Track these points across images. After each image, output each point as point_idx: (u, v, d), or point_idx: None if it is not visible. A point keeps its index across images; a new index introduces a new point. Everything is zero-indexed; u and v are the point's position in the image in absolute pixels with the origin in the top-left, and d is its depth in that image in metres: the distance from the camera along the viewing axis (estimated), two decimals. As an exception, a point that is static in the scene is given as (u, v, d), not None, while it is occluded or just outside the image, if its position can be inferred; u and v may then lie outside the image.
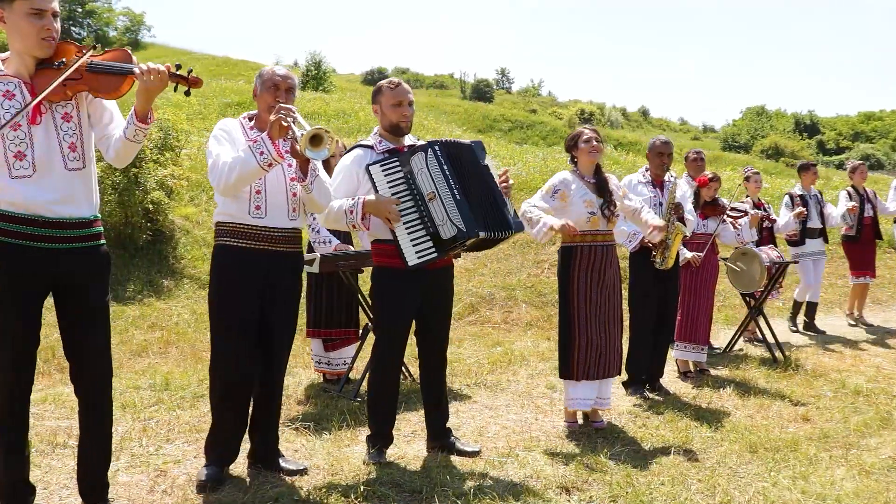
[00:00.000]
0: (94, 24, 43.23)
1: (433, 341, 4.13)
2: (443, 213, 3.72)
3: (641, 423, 4.76)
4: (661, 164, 5.49)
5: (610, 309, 4.61)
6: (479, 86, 57.84)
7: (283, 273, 3.68)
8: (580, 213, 4.54)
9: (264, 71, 3.75)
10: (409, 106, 3.94)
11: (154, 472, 3.80)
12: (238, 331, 3.58)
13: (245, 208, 3.56)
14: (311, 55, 35.60)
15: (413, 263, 3.72)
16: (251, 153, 3.39)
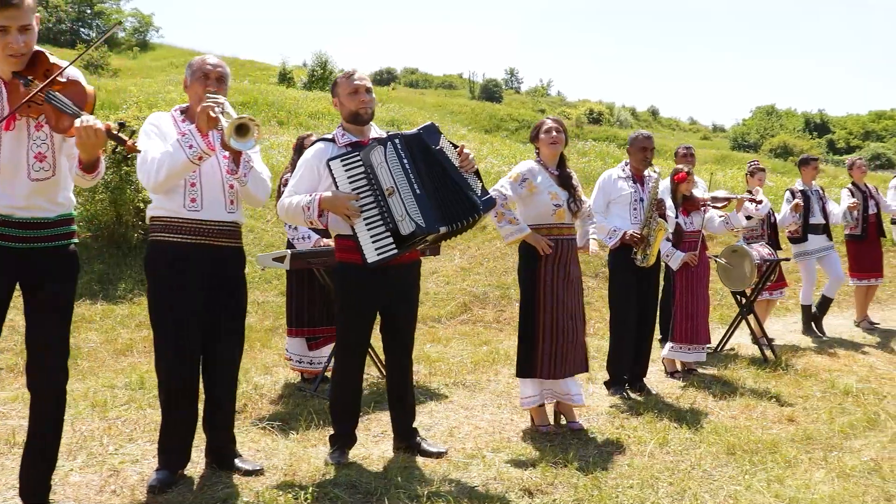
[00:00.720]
0: (102, 24, 43.42)
1: (398, 339, 4.01)
2: (402, 209, 3.61)
3: (619, 424, 4.63)
4: (644, 158, 5.35)
5: (575, 304, 4.49)
6: (488, 86, 57.73)
7: (223, 269, 3.57)
8: (545, 205, 4.42)
9: (194, 60, 3.64)
10: (366, 93, 3.83)
11: (108, 472, 3.70)
12: (177, 331, 3.48)
13: (180, 202, 3.46)
14: (317, 55, 35.54)
15: (372, 260, 3.60)
16: (180, 147, 3.28)
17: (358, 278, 3.76)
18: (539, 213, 4.45)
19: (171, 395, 3.54)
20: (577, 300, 4.51)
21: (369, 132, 3.90)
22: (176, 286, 3.47)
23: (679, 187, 5.92)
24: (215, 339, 3.61)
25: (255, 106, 23.61)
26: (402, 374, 4.04)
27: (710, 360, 6.43)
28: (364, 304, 3.84)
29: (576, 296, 4.50)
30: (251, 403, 5.06)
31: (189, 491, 3.42)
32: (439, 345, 7.42)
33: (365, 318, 3.87)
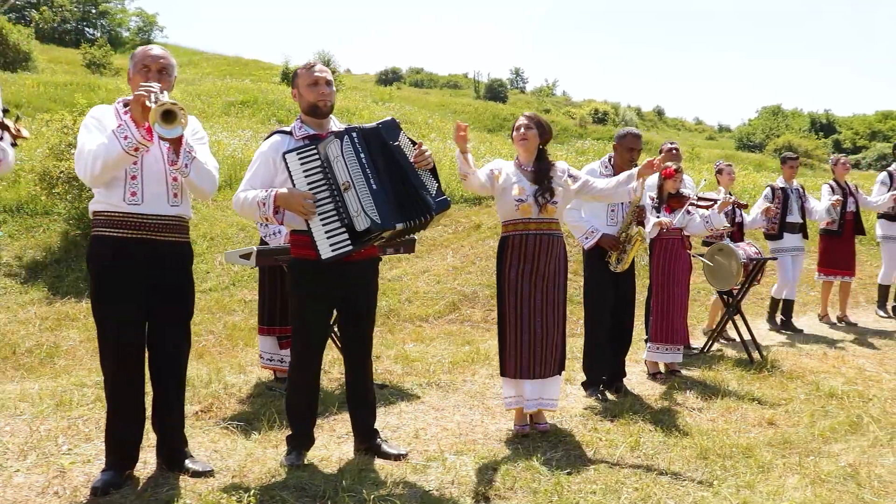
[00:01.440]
0: (107, 24, 43.46)
1: (355, 338, 3.88)
2: (357, 204, 3.48)
3: (592, 427, 4.49)
4: (630, 159, 5.17)
5: (545, 303, 4.31)
6: (493, 85, 57.47)
7: (166, 265, 3.46)
8: (508, 201, 4.28)
9: (137, 51, 3.54)
10: (326, 85, 3.71)
11: (54, 473, 3.58)
12: (120, 328, 3.37)
13: (120, 195, 3.34)
14: (320, 55, 35.57)
15: (327, 256, 3.48)
16: (115, 138, 3.17)
17: (314, 274, 3.64)
18: (505, 209, 4.33)
19: (115, 393, 3.43)
20: (548, 298, 4.33)
21: (328, 125, 3.78)
22: (118, 282, 3.37)
23: (666, 183, 5.78)
24: (160, 337, 3.50)
25: (256, 105, 23.62)
26: (362, 373, 3.92)
27: (695, 361, 6.29)
28: (320, 301, 3.72)
29: (547, 293, 4.33)
30: (218, 403, 4.94)
31: (133, 492, 3.30)
32: (422, 344, 7.30)
33: (321, 314, 3.75)
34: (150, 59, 3.47)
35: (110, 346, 3.40)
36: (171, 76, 3.51)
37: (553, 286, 4.35)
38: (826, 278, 8.28)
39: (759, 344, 6.50)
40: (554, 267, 4.35)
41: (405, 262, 10.64)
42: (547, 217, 4.33)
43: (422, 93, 48.40)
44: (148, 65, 3.45)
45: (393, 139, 3.63)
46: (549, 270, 4.33)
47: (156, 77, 3.43)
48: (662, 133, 49.71)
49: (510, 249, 4.31)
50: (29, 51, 28.76)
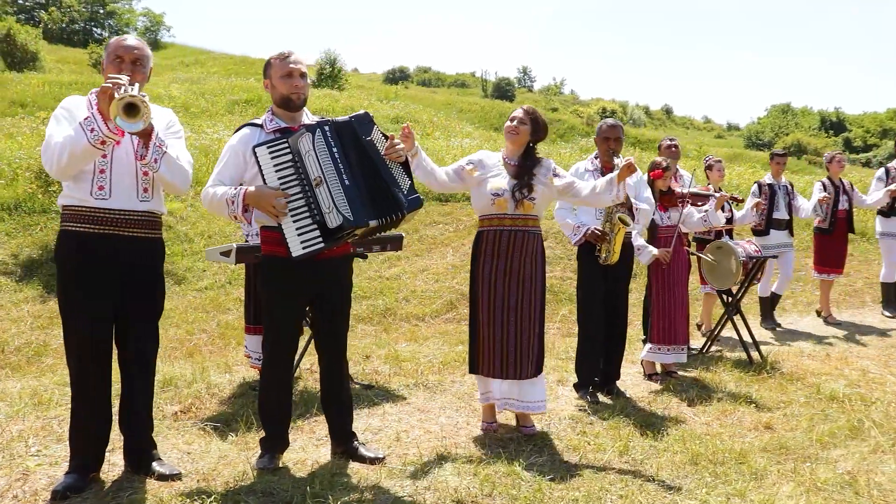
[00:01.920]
0: (115, 24, 43.52)
1: (328, 336, 3.74)
2: (329, 200, 3.35)
3: (581, 430, 4.33)
4: (608, 149, 5.01)
5: (521, 301, 4.16)
6: (501, 84, 57.33)
7: (134, 261, 3.34)
8: (484, 195, 4.15)
9: (111, 42, 3.42)
10: (300, 77, 3.56)
11: (17, 475, 3.46)
12: (85, 325, 3.26)
13: (87, 189, 3.23)
14: (326, 53, 35.44)
15: (297, 254, 3.34)
16: (82, 131, 3.05)
17: (284, 271, 3.51)
18: (480, 203, 4.20)
19: (79, 392, 3.33)
20: (523, 296, 4.18)
21: (300, 119, 3.63)
22: (84, 278, 3.26)
23: (656, 183, 5.62)
24: (128, 335, 3.39)
25: (260, 103, 23.54)
26: (337, 372, 3.78)
27: (693, 362, 6.12)
28: (290, 298, 3.58)
29: (522, 292, 4.17)
30: (199, 403, 4.81)
31: (94, 496, 3.19)
32: (415, 344, 7.15)
33: (292, 312, 3.62)
34: (123, 49, 3.35)
35: (75, 343, 3.31)
36: (145, 68, 3.40)
37: (529, 285, 4.20)
38: (822, 276, 8.16)
39: (759, 344, 6.33)
40: (530, 265, 4.20)
41: (404, 261, 10.51)
42: (523, 213, 4.18)
43: (429, 92, 48.26)
44: (121, 55, 3.34)
45: (366, 133, 3.50)
46: (524, 268, 4.18)
47: (129, 69, 3.31)
48: (671, 131, 49.36)
49: (484, 244, 4.19)
50: (36, 51, 28.82)
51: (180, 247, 10.24)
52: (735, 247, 5.99)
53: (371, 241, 5.30)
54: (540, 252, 4.28)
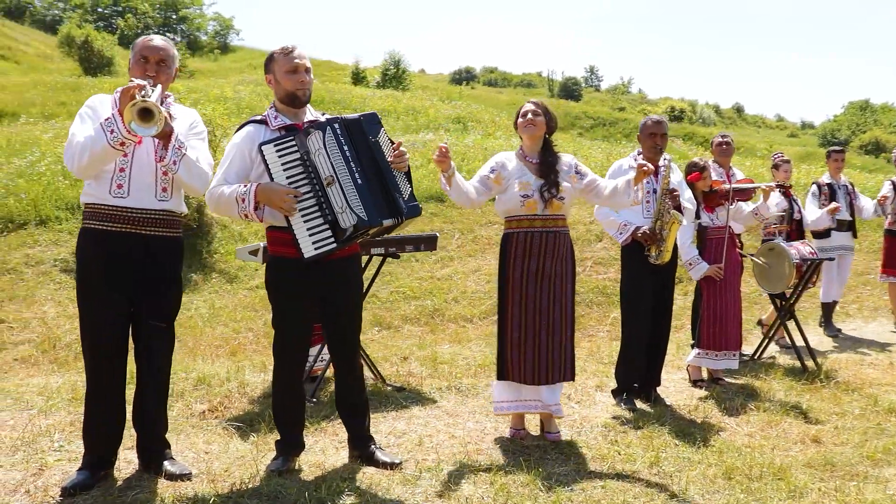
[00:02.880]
0: (186, 29, 44.82)
1: (336, 338, 3.66)
2: (342, 200, 3.27)
3: (613, 439, 4.14)
4: (654, 145, 4.80)
5: (552, 304, 4.01)
6: (567, 84, 56.74)
7: (152, 260, 3.32)
8: (513, 197, 3.99)
9: (137, 41, 3.41)
10: (305, 73, 3.46)
11: (34, 470, 3.49)
12: (99, 324, 3.28)
13: (106, 187, 3.23)
14: (391, 54, 35.63)
15: (309, 255, 3.27)
16: (102, 132, 3.05)
17: (292, 273, 3.42)
18: (508, 206, 4.04)
19: (93, 388, 3.34)
20: (556, 300, 4.03)
21: (304, 115, 3.54)
22: (101, 275, 3.27)
23: (696, 186, 5.37)
24: (142, 333, 3.39)
25: (323, 104, 23.80)
26: (350, 377, 3.69)
27: (742, 368, 5.82)
28: (298, 300, 3.49)
29: (554, 294, 4.02)
30: (228, 402, 4.80)
31: (102, 494, 3.18)
32: (457, 346, 7.04)
33: (299, 314, 3.53)
34: (149, 50, 3.34)
35: (90, 339, 3.32)
36: (170, 68, 3.39)
37: (560, 287, 4.05)
38: (890, 279, 7.60)
39: (815, 351, 5.98)
40: (561, 267, 4.05)
41: (457, 261, 10.42)
42: (553, 213, 4.03)
43: (495, 92, 48.09)
44: (146, 56, 3.33)
45: (373, 134, 3.42)
46: (555, 271, 4.03)
47: (154, 69, 3.31)
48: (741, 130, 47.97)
49: (514, 247, 4.03)
50: (111, 56, 29.81)
51: (233, 246, 10.38)
52: (788, 248, 5.67)
53: (404, 241, 5.20)
54: (570, 253, 4.13)
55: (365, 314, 8.65)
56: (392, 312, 8.69)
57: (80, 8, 44.12)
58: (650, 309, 4.81)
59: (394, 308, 8.79)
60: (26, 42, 36.65)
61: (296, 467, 3.57)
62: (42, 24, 42.27)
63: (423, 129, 20.20)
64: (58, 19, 41.10)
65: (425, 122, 22.20)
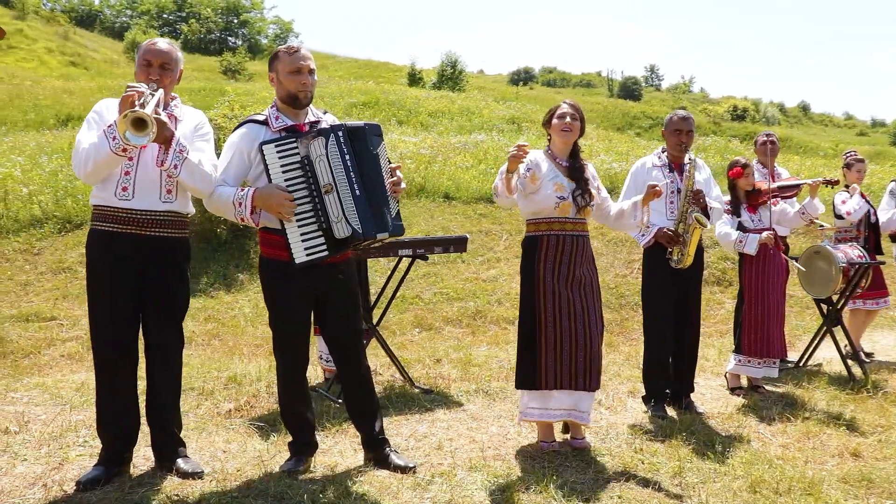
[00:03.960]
0: (247, 33, 45.79)
1: (341, 345, 3.62)
2: (338, 210, 3.24)
3: (638, 447, 4.01)
4: (679, 143, 4.65)
5: (583, 309, 3.91)
6: (627, 83, 55.94)
7: (157, 260, 3.35)
8: (547, 198, 3.88)
9: (143, 44, 3.43)
10: (308, 74, 3.41)
11: (55, 464, 3.57)
12: (113, 325, 3.33)
13: (112, 190, 3.27)
14: (447, 55, 35.69)
15: (301, 261, 3.24)
16: (105, 139, 3.10)
17: (285, 275, 3.39)
18: (541, 206, 3.93)
19: (103, 387, 3.40)
20: (587, 304, 3.94)
21: (305, 116, 3.50)
22: (108, 276, 3.31)
23: (738, 184, 5.18)
24: (149, 333, 3.43)
25: (377, 105, 23.97)
26: (356, 379, 3.64)
27: (786, 376, 5.60)
28: (291, 302, 3.46)
29: (585, 299, 3.94)
30: (255, 401, 4.84)
31: (115, 489, 3.23)
32: (496, 348, 6.96)
33: (296, 317, 3.50)
34: (152, 54, 3.37)
35: (99, 338, 3.37)
36: (173, 71, 3.42)
37: (591, 293, 3.98)
38: None
39: (864, 360, 5.71)
40: (588, 270, 3.99)
41: (503, 262, 10.32)
42: (581, 217, 3.96)
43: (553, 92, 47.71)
44: (149, 60, 3.36)
45: (374, 145, 3.38)
46: (584, 275, 3.96)
47: (157, 73, 3.34)
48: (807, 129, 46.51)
49: (544, 250, 3.93)
50: (175, 60, 30.61)
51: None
52: (834, 252, 5.43)
53: (433, 243, 5.15)
54: (592, 256, 4.08)
55: (406, 315, 8.68)
56: (434, 314, 8.65)
57: (147, 14, 45.48)
58: (672, 314, 4.67)
59: (436, 309, 8.75)
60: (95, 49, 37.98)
61: (310, 468, 3.56)
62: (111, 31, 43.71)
63: (477, 129, 20.14)
64: (125, 26, 42.44)
65: (479, 123, 22.13)
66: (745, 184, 5.10)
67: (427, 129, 20.79)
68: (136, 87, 3.12)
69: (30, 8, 35.03)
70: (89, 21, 44.03)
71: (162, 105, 3.28)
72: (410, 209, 11.20)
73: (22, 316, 7.70)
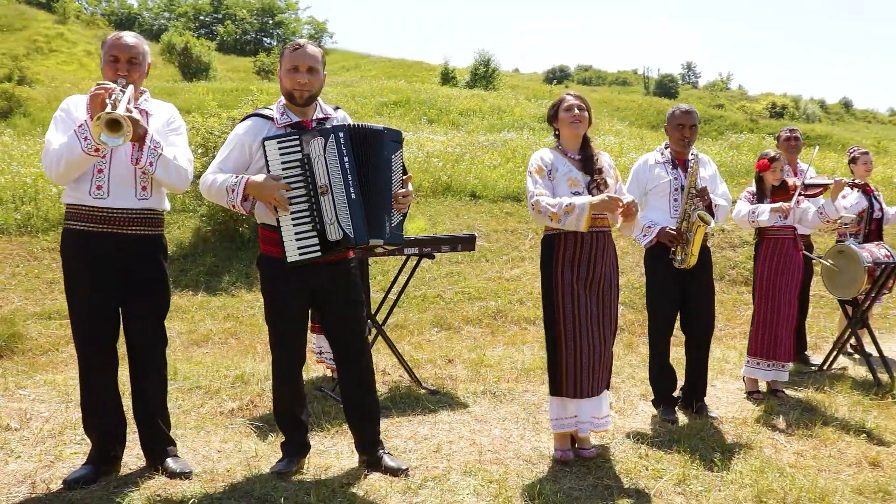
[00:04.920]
0: (282, 33, 46.16)
1: (341, 344, 3.54)
2: (332, 212, 3.18)
3: (643, 453, 3.87)
4: (682, 138, 4.46)
5: (601, 311, 3.77)
6: (664, 81, 55.18)
7: (135, 259, 3.31)
8: (562, 195, 3.73)
9: (108, 38, 3.37)
10: (306, 73, 3.33)
11: (47, 462, 3.55)
12: (90, 323, 3.29)
13: (86, 188, 3.23)
14: (480, 54, 35.55)
15: (293, 260, 3.19)
16: (76, 139, 3.06)
17: (282, 273, 3.33)
18: None
19: (86, 387, 3.37)
20: (604, 305, 3.79)
21: (314, 112, 3.43)
22: (85, 275, 3.28)
23: (765, 177, 4.99)
24: (130, 332, 3.41)
25: (408, 104, 23.97)
26: (355, 379, 3.56)
27: (806, 379, 5.39)
28: (287, 299, 3.40)
29: (603, 300, 3.79)
30: (258, 400, 4.79)
31: (99, 488, 3.20)
32: (511, 348, 6.83)
33: (292, 315, 3.44)
34: (119, 49, 3.31)
35: (80, 338, 3.34)
36: (142, 65, 3.36)
37: (609, 294, 3.82)
38: None
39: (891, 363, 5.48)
40: (609, 269, 3.82)
41: (528, 262, 10.19)
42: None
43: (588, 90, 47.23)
44: (116, 55, 3.30)
45: (390, 151, 3.32)
46: (604, 275, 3.79)
47: (125, 68, 3.29)
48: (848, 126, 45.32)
49: (563, 250, 3.76)
50: (209, 62, 30.97)
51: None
52: (860, 251, 5.21)
53: (440, 241, 5.06)
54: (614, 253, 3.90)
55: (426, 315, 8.60)
56: (454, 313, 8.54)
57: (184, 17, 46.10)
58: (674, 316, 4.52)
59: (457, 309, 8.65)
60: (134, 50, 38.48)
61: (302, 469, 3.50)
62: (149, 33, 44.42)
63: (508, 128, 20.02)
64: (163, 28, 43.05)
65: (510, 122, 22.00)
66: (772, 178, 4.91)
67: (457, 127, 20.73)
68: (106, 86, 3.08)
69: (71, 13, 35.68)
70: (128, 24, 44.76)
71: (133, 101, 3.22)
72: (436, 207, 11.13)
73: (45, 313, 7.78)
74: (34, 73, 24.90)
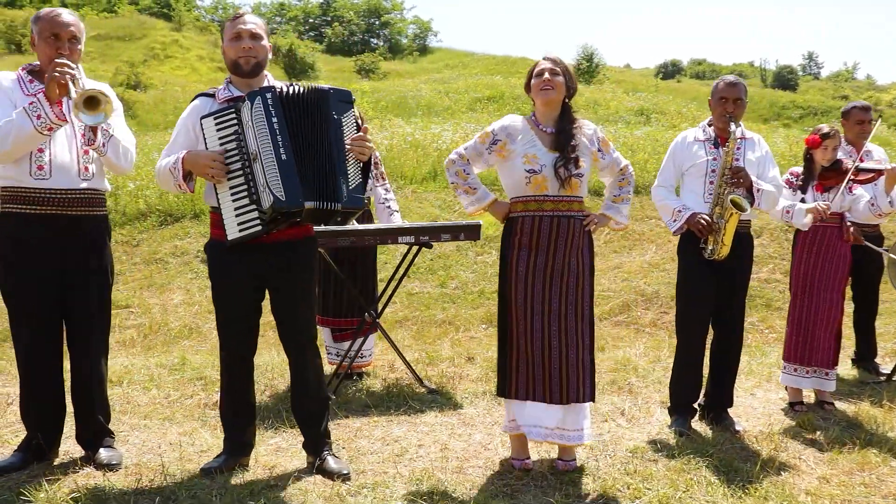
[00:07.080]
0: (388, 34, 46.71)
1: (290, 334, 3.28)
2: (263, 178, 2.89)
3: (633, 468, 3.36)
4: (724, 112, 3.86)
5: (566, 306, 3.29)
6: (782, 73, 52.19)
7: (77, 240, 3.17)
8: (515, 171, 3.31)
9: (42, 13, 3.16)
10: (250, 38, 3.10)
11: None
12: (26, 308, 3.15)
13: (26, 169, 3.08)
14: (583, 48, 34.75)
15: (233, 237, 2.96)
16: (27, 116, 2.92)
17: (229, 256, 3.10)
18: (513, 182, 3.37)
19: (24, 375, 3.24)
20: (569, 300, 3.31)
21: (259, 85, 3.17)
22: (25, 259, 3.13)
23: (815, 155, 4.35)
24: (73, 318, 3.24)
25: (502, 99, 23.67)
26: (300, 374, 3.30)
27: (867, 390, 4.67)
28: (234, 285, 3.16)
29: (567, 295, 3.31)
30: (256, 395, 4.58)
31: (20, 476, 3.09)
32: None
33: (240, 304, 3.19)
34: (60, 26, 3.12)
35: (18, 324, 3.21)
36: (80, 44, 3.19)
37: (576, 285, 3.32)
38: None
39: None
40: (576, 259, 3.33)
41: (598, 258, 9.64)
42: (568, 195, 3.32)
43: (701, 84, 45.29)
44: (57, 33, 3.11)
45: (338, 111, 3.01)
46: (568, 265, 3.31)
47: (66, 47, 3.11)
48: None
49: (518, 235, 3.34)
50: (313, 62, 31.74)
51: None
52: (930, 242, 4.46)
53: (440, 230, 4.65)
54: (587, 242, 3.41)
55: (479, 311, 8.22)
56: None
57: (294, 20, 47.45)
58: (708, 312, 3.95)
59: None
60: (243, 54, 39.91)
61: (247, 467, 3.26)
62: (260, 37, 46.04)
63: (602, 121, 19.34)
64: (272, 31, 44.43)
65: (604, 115, 21.30)
66: (822, 157, 4.28)
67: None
68: (65, 63, 2.94)
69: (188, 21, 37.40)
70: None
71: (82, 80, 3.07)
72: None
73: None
74: (148, 77, 26.15)
